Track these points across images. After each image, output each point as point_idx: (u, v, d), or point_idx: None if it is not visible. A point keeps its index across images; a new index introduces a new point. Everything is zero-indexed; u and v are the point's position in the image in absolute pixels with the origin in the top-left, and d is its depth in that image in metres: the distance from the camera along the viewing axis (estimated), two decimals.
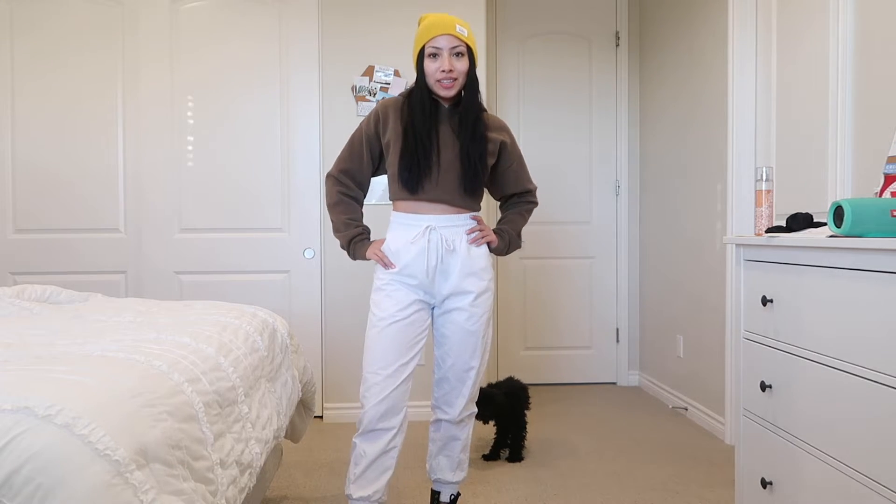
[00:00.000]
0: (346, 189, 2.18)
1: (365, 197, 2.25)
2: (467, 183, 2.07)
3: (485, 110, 2.15)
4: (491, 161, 2.14)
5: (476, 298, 2.11)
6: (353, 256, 2.17)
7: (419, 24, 2.09)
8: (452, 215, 2.09)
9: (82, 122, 3.55)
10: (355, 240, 2.16)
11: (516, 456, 3.00)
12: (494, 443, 3.05)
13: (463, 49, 2.03)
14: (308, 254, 3.61)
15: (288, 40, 3.59)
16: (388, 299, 2.08)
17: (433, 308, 2.15)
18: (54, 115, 3.55)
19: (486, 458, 3.01)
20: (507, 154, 2.19)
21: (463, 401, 2.17)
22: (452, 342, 2.13)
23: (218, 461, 1.46)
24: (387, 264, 2.09)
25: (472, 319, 2.11)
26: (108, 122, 3.56)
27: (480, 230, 2.12)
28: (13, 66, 3.53)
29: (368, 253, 2.13)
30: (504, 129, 2.20)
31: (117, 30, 3.55)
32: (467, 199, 2.11)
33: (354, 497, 2.07)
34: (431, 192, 2.07)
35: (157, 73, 3.55)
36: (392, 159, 2.08)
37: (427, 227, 2.06)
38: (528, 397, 3.09)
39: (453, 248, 2.07)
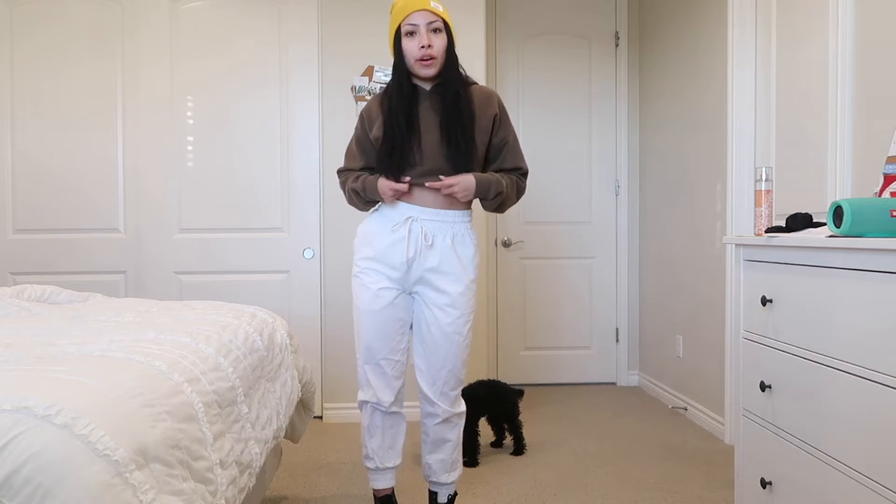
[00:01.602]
0: (349, 174, 2.19)
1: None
2: (452, 162, 2.00)
3: (472, 83, 2.11)
4: (483, 139, 2.08)
5: (454, 300, 2.08)
6: (372, 196, 2.09)
7: (392, 10, 2.06)
8: (438, 209, 2.05)
9: (82, 122, 3.55)
10: (362, 179, 2.11)
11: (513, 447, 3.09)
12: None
13: (440, 25, 2.00)
14: (308, 254, 3.61)
15: (287, 40, 3.59)
16: (364, 290, 2.11)
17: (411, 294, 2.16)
18: (54, 115, 3.55)
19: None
20: (501, 127, 2.12)
21: (439, 396, 2.15)
22: (426, 338, 2.13)
23: (217, 461, 1.46)
24: (399, 188, 2.00)
25: (449, 320, 2.09)
26: (108, 122, 3.56)
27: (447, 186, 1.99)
28: (13, 67, 3.53)
29: (381, 187, 2.03)
30: (493, 97, 2.13)
31: (117, 30, 3.55)
32: None
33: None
34: (417, 179, 2.04)
35: (156, 73, 3.55)
36: (380, 149, 2.07)
37: (409, 218, 2.04)
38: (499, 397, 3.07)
39: (432, 244, 2.05)
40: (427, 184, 2.01)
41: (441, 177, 2.01)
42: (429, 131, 2.03)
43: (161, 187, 3.57)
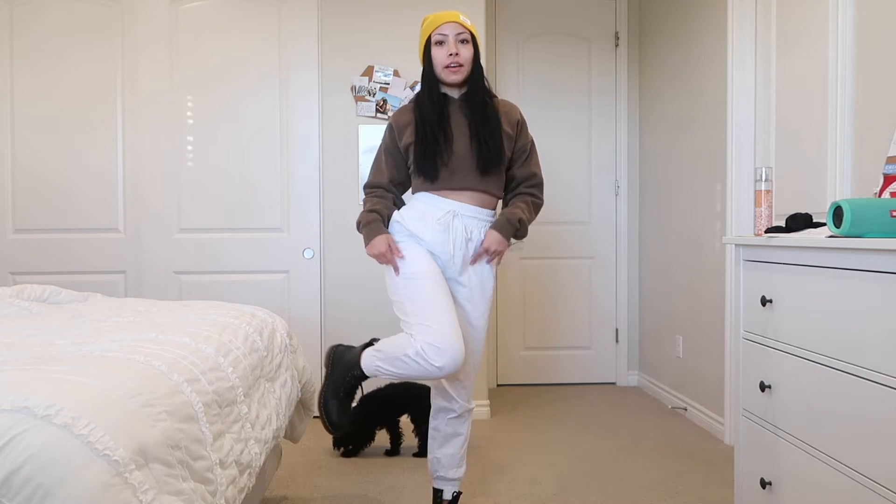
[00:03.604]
0: (373, 193, 2.20)
1: (402, 193, 2.25)
2: (482, 163, 2.08)
3: (494, 96, 2.20)
4: (508, 144, 2.16)
5: (482, 294, 2.18)
6: (366, 241, 2.13)
7: (423, 24, 2.17)
8: (476, 207, 2.12)
9: (81, 122, 3.55)
10: (368, 220, 2.13)
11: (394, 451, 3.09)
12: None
13: (467, 36, 2.11)
14: (307, 254, 3.61)
15: (287, 40, 3.59)
16: (413, 250, 2.08)
17: None
18: (53, 115, 3.55)
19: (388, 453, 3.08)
20: (522, 134, 2.20)
21: (460, 391, 2.20)
22: None
23: (217, 461, 1.46)
24: (389, 260, 2.07)
25: (477, 314, 2.19)
26: (108, 121, 3.56)
27: (489, 254, 2.14)
28: (12, 66, 3.53)
29: (375, 243, 2.07)
30: (515, 108, 2.24)
31: (116, 29, 3.55)
32: (488, 181, 2.12)
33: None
34: (451, 181, 2.10)
35: (156, 72, 3.55)
36: (411, 156, 2.13)
37: (450, 212, 2.09)
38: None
39: (471, 238, 2.12)
40: (471, 263, 2.14)
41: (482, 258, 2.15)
42: (459, 135, 2.11)
43: (161, 187, 3.57)
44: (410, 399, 3.02)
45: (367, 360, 2.09)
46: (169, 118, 3.56)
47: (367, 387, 3.17)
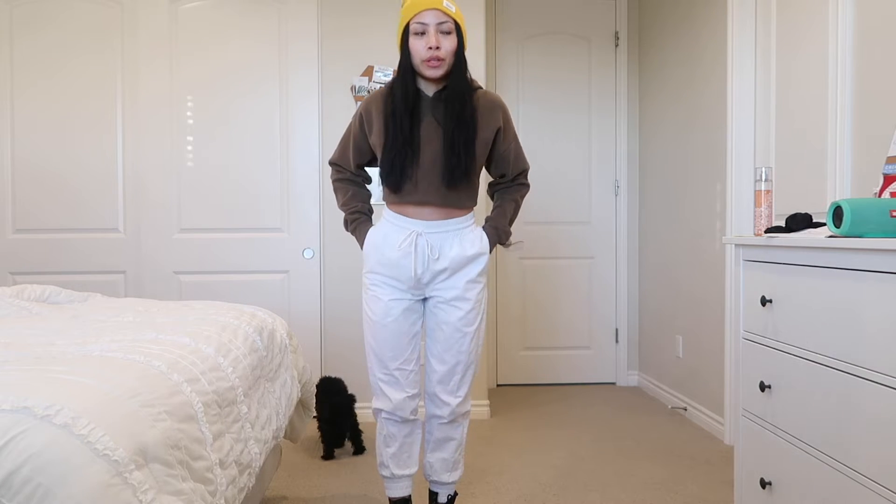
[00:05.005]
0: (341, 174, 2.20)
1: (368, 182, 2.25)
2: (450, 178, 1.97)
3: (477, 89, 2.05)
4: (483, 151, 2.05)
5: (463, 294, 2.08)
6: (358, 239, 2.19)
7: (402, 5, 1.97)
8: (441, 221, 2.04)
9: (82, 122, 3.55)
10: (354, 224, 2.18)
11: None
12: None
13: (451, 26, 1.92)
14: (307, 254, 3.61)
15: (287, 40, 3.59)
16: (375, 301, 2.12)
17: (425, 299, 2.15)
18: (54, 116, 3.55)
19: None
20: (504, 138, 2.10)
21: (450, 395, 2.14)
22: (439, 338, 2.12)
23: (217, 461, 1.46)
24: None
25: (460, 315, 2.09)
26: (108, 122, 3.56)
27: None
28: (13, 67, 3.53)
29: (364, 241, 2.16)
30: (497, 107, 2.06)
31: (116, 30, 3.55)
32: (455, 196, 2.03)
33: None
34: (414, 195, 2.02)
35: (156, 73, 3.55)
36: (380, 161, 2.06)
37: (413, 233, 2.03)
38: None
39: (438, 257, 2.03)
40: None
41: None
42: (429, 143, 1.99)
43: (161, 187, 3.57)
44: (322, 394, 3.05)
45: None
46: (169, 118, 3.56)
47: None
